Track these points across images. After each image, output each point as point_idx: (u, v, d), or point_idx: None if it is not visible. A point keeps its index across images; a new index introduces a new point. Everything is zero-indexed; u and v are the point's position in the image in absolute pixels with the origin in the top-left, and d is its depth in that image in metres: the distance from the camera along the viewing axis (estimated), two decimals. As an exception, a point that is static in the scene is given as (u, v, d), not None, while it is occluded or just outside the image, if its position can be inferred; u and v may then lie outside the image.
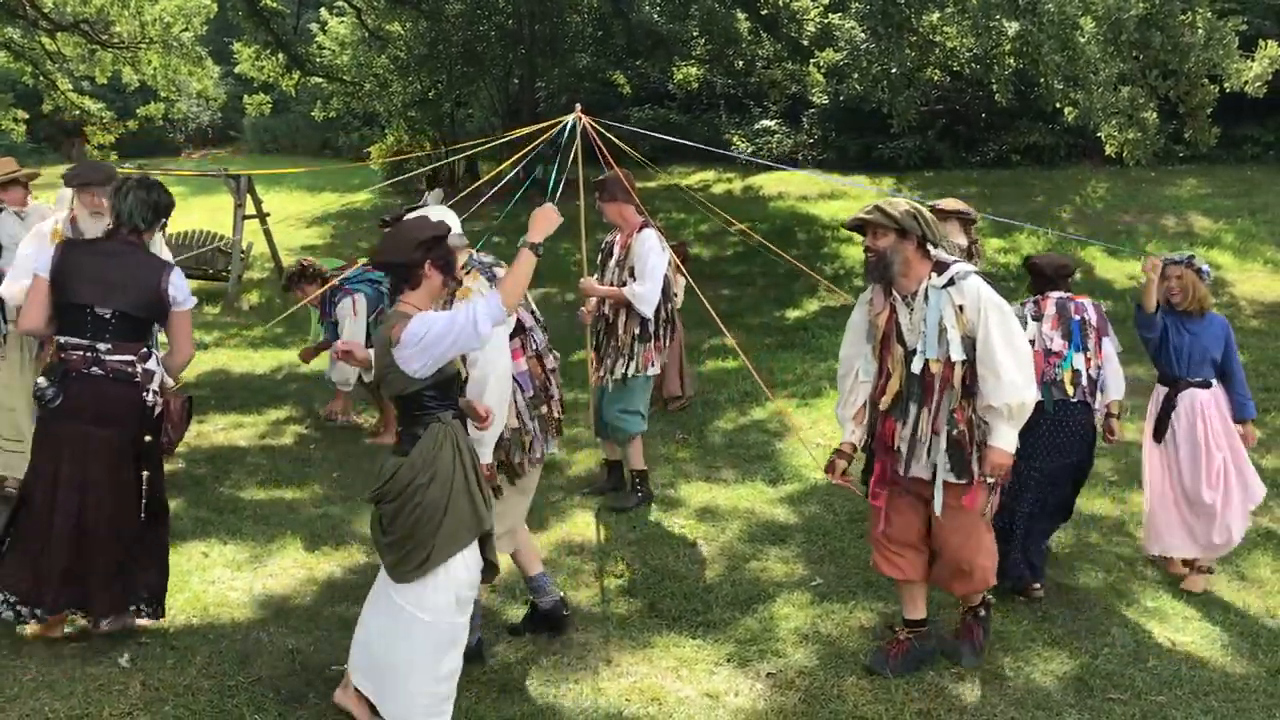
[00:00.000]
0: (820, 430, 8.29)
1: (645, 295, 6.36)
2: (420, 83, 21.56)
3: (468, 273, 4.53)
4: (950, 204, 6.54)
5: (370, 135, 26.68)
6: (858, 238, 4.65)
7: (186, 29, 18.70)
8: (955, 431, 4.34)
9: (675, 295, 6.99)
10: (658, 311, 6.46)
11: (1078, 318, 5.52)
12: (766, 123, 22.77)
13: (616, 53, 21.82)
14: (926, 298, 4.34)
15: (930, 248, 4.37)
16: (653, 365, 6.57)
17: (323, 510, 6.62)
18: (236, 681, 4.49)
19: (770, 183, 20.58)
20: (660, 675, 4.63)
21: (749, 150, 21.70)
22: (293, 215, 21.72)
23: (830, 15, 18.47)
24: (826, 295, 13.45)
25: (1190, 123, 12.59)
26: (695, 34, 20.37)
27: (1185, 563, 5.76)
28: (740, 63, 20.99)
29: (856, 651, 4.83)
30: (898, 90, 14.73)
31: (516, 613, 5.21)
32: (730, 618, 5.19)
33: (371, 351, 4.23)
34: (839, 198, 18.84)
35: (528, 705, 4.38)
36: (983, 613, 4.84)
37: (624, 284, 6.39)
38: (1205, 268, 5.72)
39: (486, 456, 4.33)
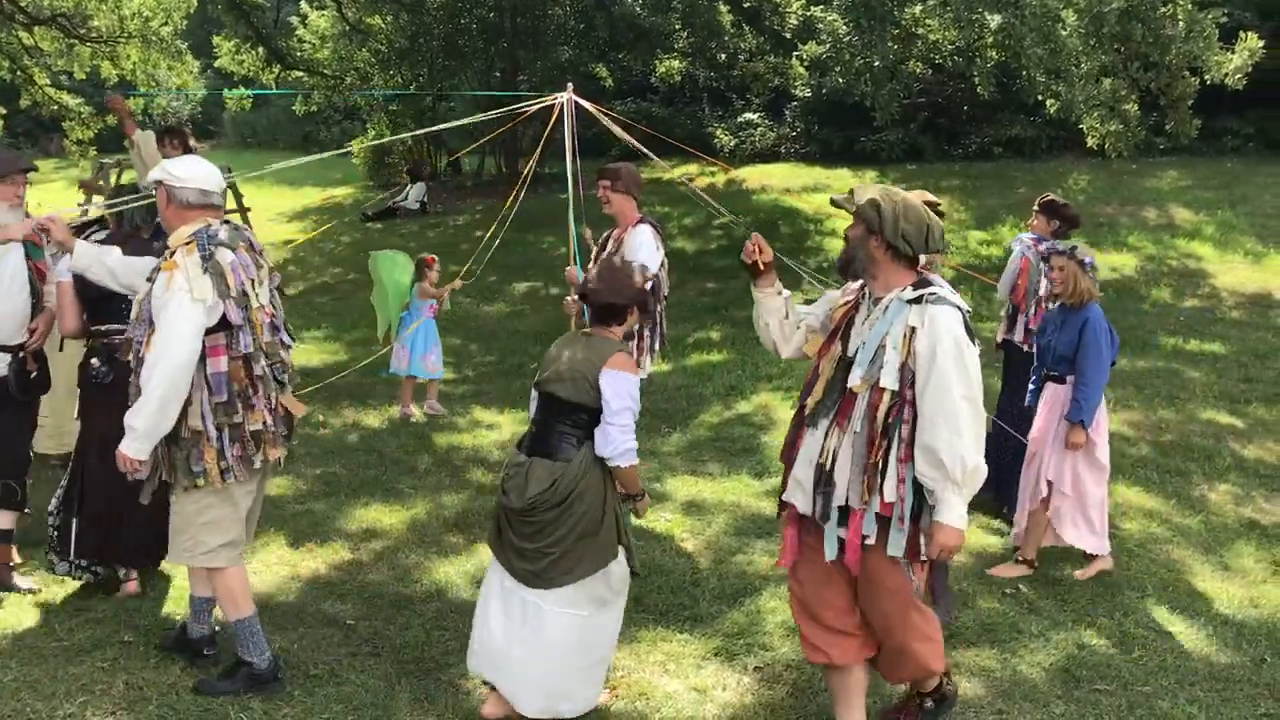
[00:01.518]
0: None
1: None
2: (402, 76, 21.47)
3: (187, 243, 4.06)
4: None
5: (351, 129, 26.55)
6: (841, 229, 4.61)
7: (166, 23, 18.55)
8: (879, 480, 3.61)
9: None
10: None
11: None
12: (749, 116, 22.73)
13: (599, 45, 21.76)
14: (887, 309, 3.68)
15: (904, 251, 3.64)
16: (640, 367, 6.21)
17: (306, 507, 6.59)
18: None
19: (754, 176, 20.56)
20: (647, 670, 4.62)
21: (731, 143, 21.68)
22: (272, 210, 21.62)
23: (812, 8, 18.44)
24: (810, 289, 13.45)
25: (1171, 115, 12.63)
26: (677, 27, 20.32)
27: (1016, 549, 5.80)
28: (723, 56, 20.93)
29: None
30: (880, 83, 14.72)
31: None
32: (717, 611, 5.18)
33: None
34: (822, 190, 18.84)
35: (515, 701, 4.36)
36: (929, 704, 4.16)
37: None
38: (1089, 259, 5.64)
39: (132, 448, 3.99)
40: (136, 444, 4.00)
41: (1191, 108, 12.50)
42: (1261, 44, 11.93)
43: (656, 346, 6.44)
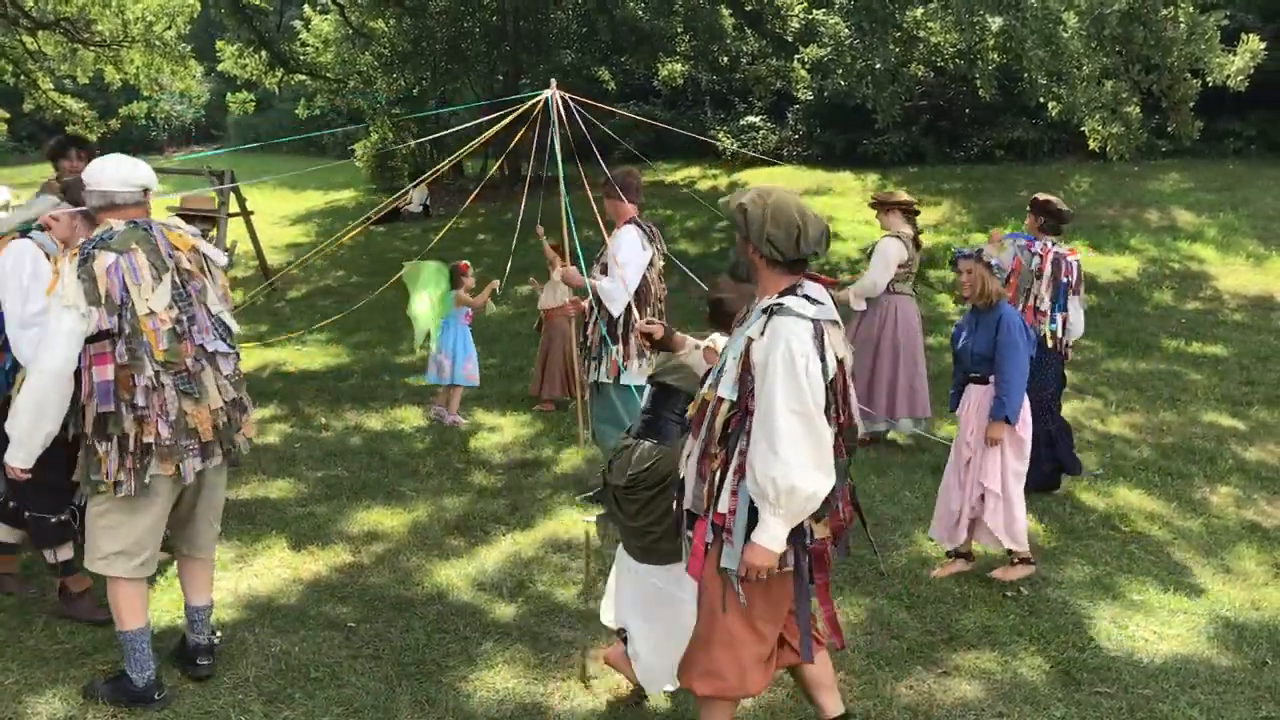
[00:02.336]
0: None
1: (609, 291, 6.11)
2: (404, 79, 21.53)
3: (74, 249, 3.98)
4: (894, 195, 7.37)
5: (354, 133, 26.58)
6: (844, 233, 4.64)
7: (169, 28, 18.61)
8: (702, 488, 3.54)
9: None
10: (627, 317, 6.14)
11: (1066, 280, 6.75)
12: (751, 119, 22.77)
13: (601, 49, 21.82)
14: (747, 318, 3.57)
15: (773, 256, 3.45)
16: (625, 372, 6.21)
17: (308, 510, 6.59)
18: (221, 682, 4.46)
19: (757, 179, 20.57)
20: (648, 672, 4.62)
21: (734, 146, 21.69)
22: (276, 213, 21.65)
23: (814, 11, 18.47)
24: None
25: (1173, 117, 12.65)
26: (680, 30, 20.37)
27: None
28: (725, 59, 20.99)
29: (844, 647, 4.83)
30: (882, 86, 14.74)
31: (502, 610, 5.19)
32: (718, 614, 5.17)
33: None
34: (825, 193, 18.85)
35: (515, 704, 4.37)
36: None
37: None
38: (996, 261, 5.59)
39: (14, 456, 3.99)
40: (18, 452, 3.99)
41: (1193, 110, 12.52)
42: (1263, 46, 11.97)
43: (647, 351, 6.23)
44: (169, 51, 18.74)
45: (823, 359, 3.35)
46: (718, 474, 3.48)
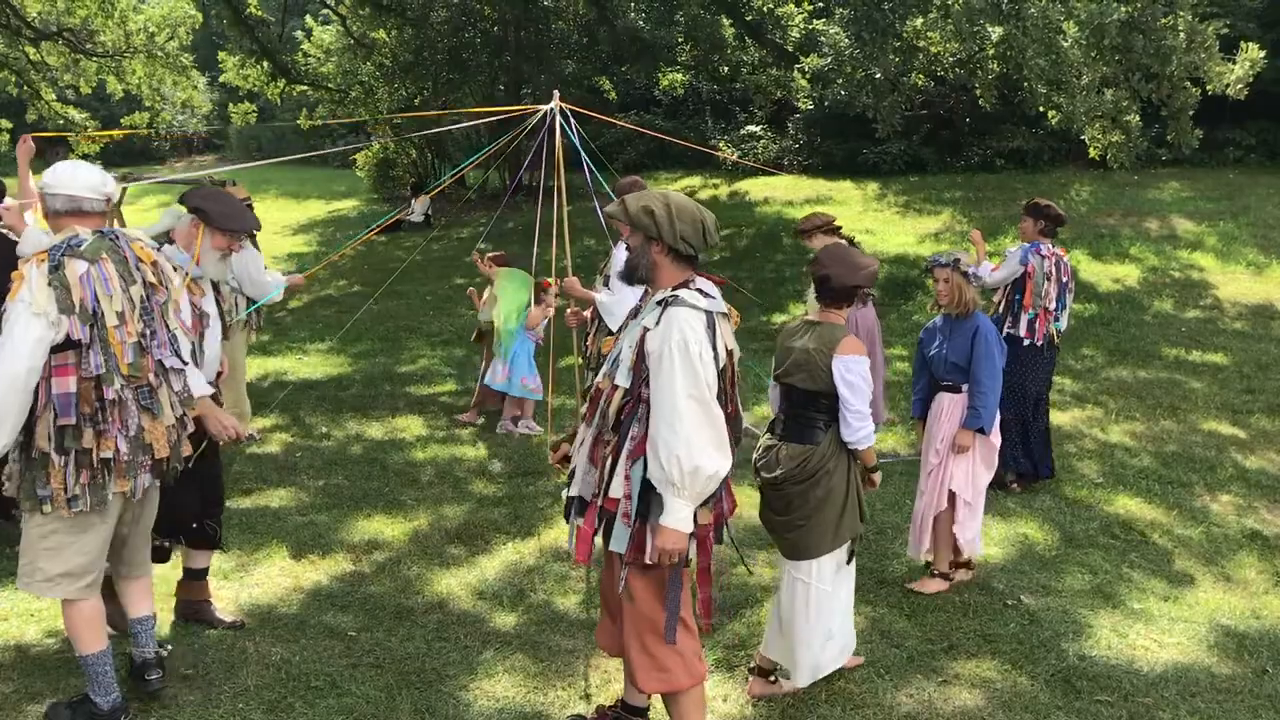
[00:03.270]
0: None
1: (608, 305, 6.13)
2: (406, 89, 21.57)
3: (41, 253, 3.87)
4: (812, 220, 7.58)
5: (356, 143, 26.65)
6: (845, 240, 4.65)
7: (172, 38, 18.68)
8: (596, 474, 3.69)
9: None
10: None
11: (1064, 280, 7.04)
12: (752, 128, 22.79)
13: (602, 59, 21.86)
14: (643, 310, 3.75)
15: (685, 252, 3.67)
16: None
17: (308, 519, 6.60)
18: (222, 691, 4.46)
19: (756, 188, 20.60)
20: (648, 681, 4.62)
21: (734, 156, 21.71)
22: (278, 223, 21.69)
23: (815, 21, 18.53)
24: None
25: (1173, 125, 12.66)
26: (680, 40, 20.40)
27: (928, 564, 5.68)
28: (725, 68, 21.02)
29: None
30: (882, 95, 14.77)
31: (502, 619, 5.20)
32: (717, 623, 5.18)
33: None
34: (825, 202, 18.87)
35: (515, 713, 4.37)
36: None
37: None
38: (972, 269, 5.56)
39: None
40: None
41: (1193, 118, 12.53)
42: (1262, 55, 11.98)
43: None
44: (171, 62, 18.80)
45: (714, 348, 3.58)
46: (609, 460, 3.65)
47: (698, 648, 3.86)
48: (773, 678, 4.53)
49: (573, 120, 6.87)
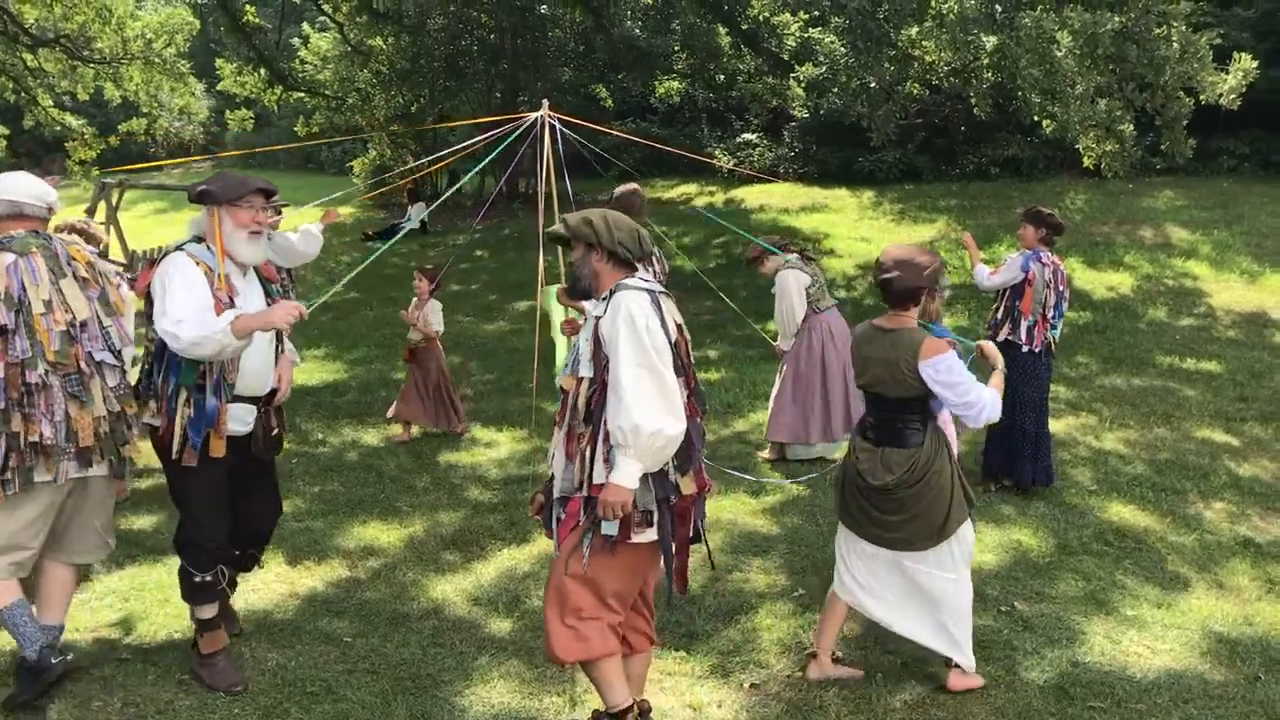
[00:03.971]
0: (802, 442, 8.32)
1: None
2: (402, 97, 21.62)
3: None
4: (755, 249, 7.83)
5: (353, 149, 26.68)
6: (840, 250, 4.71)
7: (169, 45, 18.70)
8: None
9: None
10: None
11: (1062, 288, 7.07)
12: (748, 136, 22.87)
13: (598, 67, 21.94)
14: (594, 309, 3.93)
15: (625, 257, 3.87)
16: None
17: (304, 525, 6.61)
18: (217, 697, 4.47)
19: (752, 195, 20.65)
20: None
21: (730, 164, 21.78)
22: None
23: (810, 30, 18.59)
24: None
25: (1167, 135, 12.72)
26: (676, 48, 20.49)
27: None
28: (721, 77, 21.09)
29: (838, 662, 4.85)
30: (877, 104, 14.83)
31: (497, 625, 5.21)
32: (713, 629, 5.20)
33: None
34: (820, 210, 18.93)
35: (509, 717, 4.38)
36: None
37: None
38: (942, 279, 5.30)
39: None
40: None
41: (1186, 128, 12.59)
42: (1255, 65, 12.03)
43: None
44: (168, 69, 18.82)
45: (662, 322, 3.75)
46: (588, 450, 3.77)
47: (620, 620, 3.94)
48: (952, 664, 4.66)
49: (559, 128, 6.87)
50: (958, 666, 4.62)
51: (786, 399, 7.75)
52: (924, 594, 4.54)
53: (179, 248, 4.32)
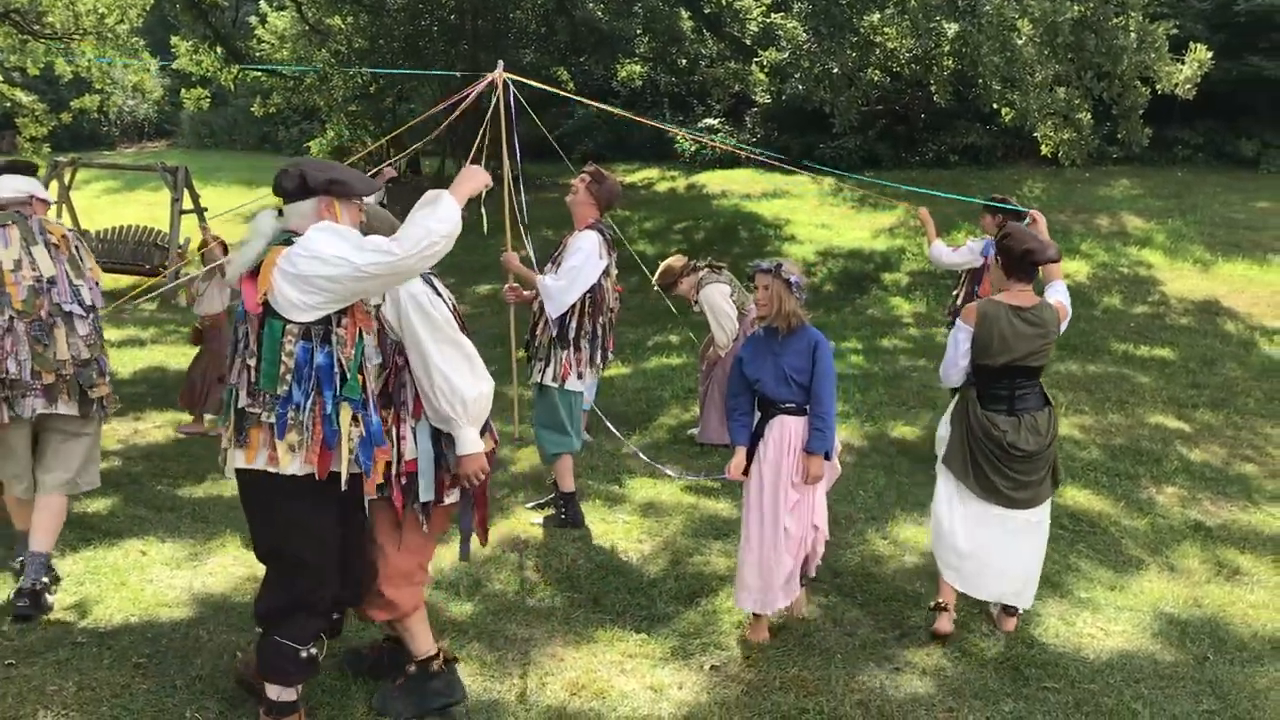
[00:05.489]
0: (763, 426, 8.35)
1: (552, 290, 5.95)
2: (361, 77, 21.38)
3: None
4: (670, 272, 7.89)
5: (310, 130, 26.39)
6: (801, 236, 4.72)
7: (122, 21, 18.35)
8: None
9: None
10: (580, 322, 6.06)
11: None
12: (710, 121, 22.88)
13: (560, 49, 21.81)
14: None
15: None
16: (574, 380, 6.09)
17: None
18: (176, 680, 4.43)
19: (714, 181, 20.67)
20: (604, 669, 4.65)
21: (693, 149, 21.77)
22: (230, 210, 21.41)
23: (773, 15, 18.60)
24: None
25: (1123, 124, 12.88)
26: (639, 32, 20.41)
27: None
28: (683, 61, 21.06)
29: (798, 644, 4.89)
30: (839, 90, 14.89)
31: (458, 609, 5.20)
32: (674, 611, 5.22)
33: None
34: (782, 196, 18.98)
35: (471, 700, 4.37)
36: (412, 669, 4.23)
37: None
38: (795, 278, 4.89)
39: None
40: None
41: (1143, 117, 12.75)
42: (1210, 56, 12.20)
43: (598, 360, 6.24)
44: (122, 45, 18.47)
45: (437, 292, 3.93)
46: (394, 430, 3.91)
47: (425, 578, 4.25)
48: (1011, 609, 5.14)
49: (515, 93, 6.80)
50: (1015, 612, 5.13)
51: (717, 402, 7.76)
52: (1036, 544, 5.04)
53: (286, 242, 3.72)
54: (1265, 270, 13.29)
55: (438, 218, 3.64)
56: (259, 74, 21.31)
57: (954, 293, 7.38)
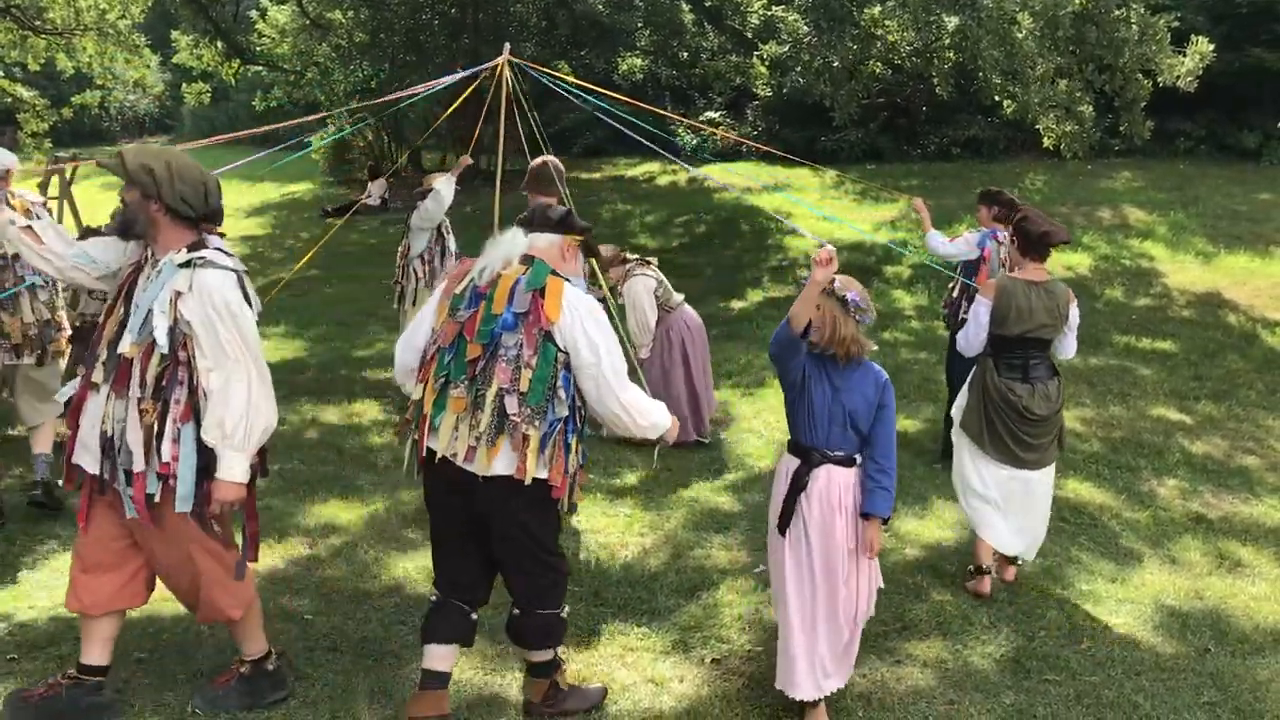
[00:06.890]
0: (764, 420, 8.36)
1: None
2: (362, 71, 21.37)
3: None
4: (609, 260, 7.87)
5: (311, 126, 26.33)
6: (803, 228, 4.68)
7: (123, 16, 18.35)
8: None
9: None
10: None
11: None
12: (711, 114, 22.83)
13: (561, 43, 21.76)
14: (160, 272, 3.72)
15: (185, 213, 3.73)
16: None
17: (264, 503, 6.51)
18: (176, 674, 4.44)
19: (715, 174, 20.64)
20: (605, 662, 4.66)
21: (694, 142, 21.74)
22: (231, 205, 21.41)
23: (774, 8, 18.57)
24: (770, 286, 13.55)
25: (1125, 116, 12.85)
26: (640, 25, 20.37)
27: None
28: (684, 54, 21.03)
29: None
30: (839, 83, 14.85)
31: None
32: (675, 605, 5.22)
33: None
34: (783, 189, 18.95)
35: (471, 693, 4.38)
36: (245, 669, 4.20)
37: None
38: (854, 295, 3.95)
39: None
40: None
41: (1144, 110, 12.71)
42: (1212, 48, 12.17)
43: None
44: (122, 40, 18.47)
45: (250, 305, 3.78)
46: (154, 426, 3.70)
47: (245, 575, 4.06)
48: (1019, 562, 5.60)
49: (518, 84, 6.81)
50: (1016, 562, 5.54)
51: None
52: (1044, 502, 5.43)
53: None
54: (1267, 262, 13.26)
55: (652, 420, 3.93)
56: (259, 69, 21.30)
57: (950, 285, 7.36)
